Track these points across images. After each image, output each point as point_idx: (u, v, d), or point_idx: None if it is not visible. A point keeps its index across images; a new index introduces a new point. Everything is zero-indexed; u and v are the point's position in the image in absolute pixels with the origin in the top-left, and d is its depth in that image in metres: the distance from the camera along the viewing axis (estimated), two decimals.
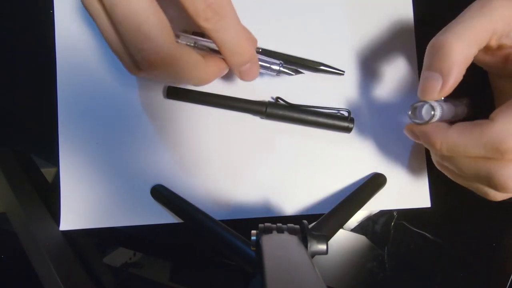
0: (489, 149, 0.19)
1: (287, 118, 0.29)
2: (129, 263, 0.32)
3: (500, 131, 0.18)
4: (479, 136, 0.19)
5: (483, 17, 0.20)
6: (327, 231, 0.25)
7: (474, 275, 0.31)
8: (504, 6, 0.20)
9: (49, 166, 0.30)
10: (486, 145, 0.19)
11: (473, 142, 0.20)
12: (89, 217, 0.29)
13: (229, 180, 0.30)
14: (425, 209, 0.31)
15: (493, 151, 0.19)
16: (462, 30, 0.20)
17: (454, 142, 0.20)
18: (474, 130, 0.20)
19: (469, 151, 0.20)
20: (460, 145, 0.20)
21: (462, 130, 0.20)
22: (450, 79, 0.20)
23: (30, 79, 0.30)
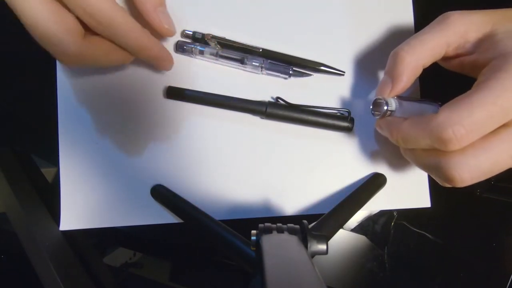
0: (433, 139, 0.20)
1: (287, 118, 0.29)
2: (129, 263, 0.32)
3: (442, 122, 0.20)
4: (425, 127, 0.21)
5: (439, 32, 0.23)
6: (327, 231, 0.25)
7: (474, 275, 0.31)
8: (459, 22, 0.22)
9: (49, 166, 0.30)
10: (430, 135, 0.21)
11: (421, 133, 0.21)
12: (89, 217, 0.29)
13: (229, 180, 0.30)
14: (425, 209, 0.31)
15: (437, 140, 0.20)
16: (416, 44, 0.23)
17: (406, 133, 0.22)
18: (422, 122, 0.21)
19: (419, 141, 0.22)
20: (411, 136, 0.22)
21: (413, 122, 0.22)
22: (398, 83, 0.24)
23: (30, 79, 0.30)
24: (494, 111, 0.19)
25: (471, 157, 0.20)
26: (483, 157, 0.20)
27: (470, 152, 0.20)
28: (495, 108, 0.19)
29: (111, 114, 0.30)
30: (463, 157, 0.21)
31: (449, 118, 0.20)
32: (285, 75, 0.29)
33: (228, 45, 0.29)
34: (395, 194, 0.30)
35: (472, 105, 0.19)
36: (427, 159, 0.23)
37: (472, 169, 0.21)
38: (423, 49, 0.23)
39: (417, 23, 0.31)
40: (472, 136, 0.20)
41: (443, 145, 0.20)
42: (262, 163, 0.30)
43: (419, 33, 0.24)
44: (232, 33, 0.29)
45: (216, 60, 0.29)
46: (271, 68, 0.29)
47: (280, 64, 0.29)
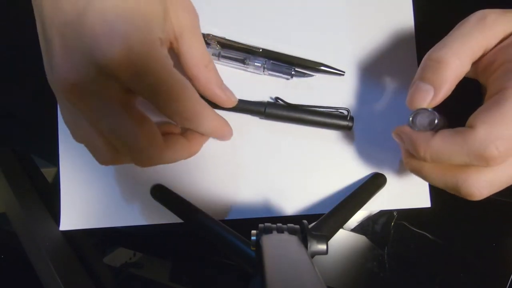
0: (473, 157, 0.19)
1: (286, 118, 0.29)
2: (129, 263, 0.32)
3: (483, 138, 0.19)
4: (463, 144, 0.19)
5: (479, 33, 0.21)
6: (327, 231, 0.25)
7: (474, 275, 0.31)
8: (497, 22, 0.21)
9: (49, 166, 0.30)
10: (469, 153, 0.19)
11: (456, 150, 0.20)
12: (89, 217, 0.29)
13: (229, 180, 0.30)
14: (425, 209, 0.31)
15: (477, 158, 0.19)
16: (459, 47, 0.21)
17: (438, 150, 0.21)
18: (457, 138, 0.20)
19: (453, 159, 0.20)
20: (444, 153, 0.20)
21: (445, 138, 0.20)
22: (441, 92, 0.21)
23: (30, 79, 0.30)
24: None
25: (490, 172, 0.20)
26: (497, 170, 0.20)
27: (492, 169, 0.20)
28: None
29: None
30: (481, 174, 0.20)
31: (490, 133, 0.18)
32: (287, 76, 0.29)
33: (228, 45, 0.29)
34: (395, 194, 0.30)
35: (509, 117, 0.18)
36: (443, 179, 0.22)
37: (491, 183, 0.20)
38: (467, 53, 0.21)
39: (418, 23, 0.31)
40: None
41: (485, 162, 0.19)
42: (262, 163, 0.30)
43: (456, 34, 0.21)
44: (231, 33, 0.29)
45: (217, 60, 0.29)
46: (273, 69, 0.29)
47: (282, 64, 0.29)
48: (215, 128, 0.25)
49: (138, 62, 0.19)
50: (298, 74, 0.29)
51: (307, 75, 0.30)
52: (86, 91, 0.19)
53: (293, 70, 0.29)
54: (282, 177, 0.30)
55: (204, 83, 0.25)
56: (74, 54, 0.18)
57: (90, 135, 0.21)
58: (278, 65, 0.29)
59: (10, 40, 0.31)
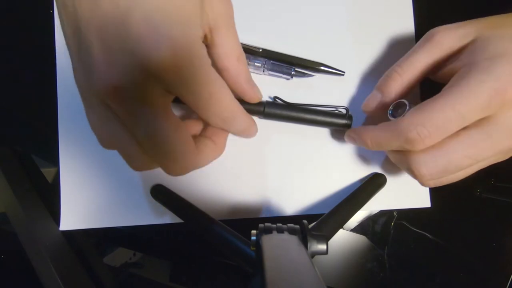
0: (402, 140, 0.22)
1: (285, 117, 0.29)
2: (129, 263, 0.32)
3: (407, 123, 0.22)
4: (393, 130, 0.23)
5: (427, 53, 0.24)
6: (327, 231, 0.25)
7: (474, 275, 0.31)
8: (444, 39, 0.24)
9: (49, 166, 0.30)
10: (399, 136, 0.22)
11: (390, 136, 0.23)
12: (89, 217, 0.29)
13: (229, 180, 0.30)
14: (425, 209, 0.31)
15: (405, 141, 0.22)
16: (407, 66, 0.25)
17: (378, 137, 0.24)
18: (391, 126, 0.23)
19: (391, 144, 0.24)
20: (383, 140, 0.24)
21: (383, 127, 0.24)
22: (387, 99, 0.26)
23: (30, 79, 0.30)
24: (452, 116, 0.21)
25: (429, 156, 0.23)
26: (439, 156, 0.22)
27: (429, 151, 0.23)
28: (453, 113, 0.21)
29: None
30: (422, 156, 0.23)
31: (413, 120, 0.22)
32: (287, 76, 0.29)
33: None
34: (395, 194, 0.30)
35: (434, 109, 0.21)
36: (399, 161, 0.25)
37: (429, 166, 0.23)
38: (413, 71, 0.25)
39: (417, 23, 0.31)
40: (434, 137, 0.21)
41: (410, 144, 0.22)
42: (262, 163, 0.30)
43: (409, 53, 0.26)
44: None
45: None
46: (273, 69, 0.29)
47: (282, 64, 0.29)
48: (246, 128, 0.25)
49: (183, 62, 0.18)
50: (298, 74, 0.29)
51: (307, 75, 0.30)
52: (129, 95, 0.18)
53: (293, 70, 0.29)
54: (282, 177, 0.30)
55: (235, 76, 0.24)
56: (117, 56, 0.18)
57: (124, 141, 0.20)
58: (278, 65, 0.29)
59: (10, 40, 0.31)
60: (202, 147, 0.23)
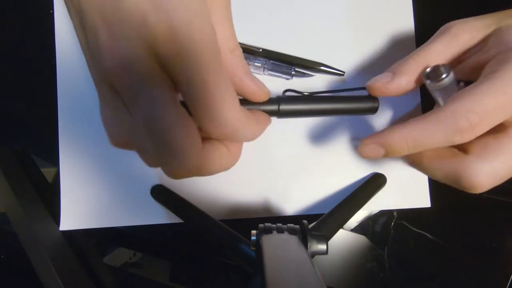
0: (450, 130, 0.19)
1: (305, 112, 0.24)
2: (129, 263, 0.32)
3: (455, 110, 0.19)
4: (436, 122, 0.20)
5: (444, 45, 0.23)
6: (327, 231, 0.25)
7: (474, 275, 0.31)
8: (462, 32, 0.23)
9: (49, 166, 0.30)
10: (446, 127, 0.19)
11: (435, 127, 0.20)
12: (89, 217, 0.29)
13: (229, 180, 0.30)
14: (425, 209, 0.31)
15: (454, 132, 0.19)
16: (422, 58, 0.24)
17: (418, 133, 0.20)
18: (430, 117, 0.20)
19: (434, 140, 0.20)
20: (425, 135, 0.20)
21: (418, 121, 0.20)
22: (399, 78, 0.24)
23: (30, 79, 0.30)
24: (504, 101, 0.19)
25: (487, 163, 0.20)
26: (498, 161, 0.20)
27: (485, 157, 0.20)
28: (505, 98, 0.19)
29: None
30: (480, 163, 0.20)
31: (462, 106, 0.19)
32: (287, 76, 0.29)
33: None
34: (395, 194, 0.30)
35: (483, 94, 0.19)
36: (442, 170, 0.22)
37: (493, 173, 0.20)
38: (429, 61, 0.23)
39: (417, 23, 0.31)
40: (485, 125, 0.19)
41: (460, 135, 0.19)
42: (262, 163, 0.30)
43: (426, 44, 0.24)
44: None
45: None
46: (273, 69, 0.29)
47: (282, 64, 0.29)
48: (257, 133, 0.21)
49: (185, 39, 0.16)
50: (298, 74, 0.29)
51: (307, 75, 0.30)
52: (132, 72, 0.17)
53: (293, 70, 0.29)
54: (282, 177, 0.30)
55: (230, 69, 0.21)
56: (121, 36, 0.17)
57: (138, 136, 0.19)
58: (278, 65, 0.29)
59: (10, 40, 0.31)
60: (211, 150, 0.20)
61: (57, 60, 0.29)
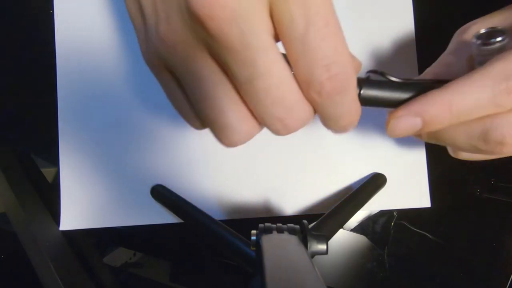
0: (496, 92, 0.17)
1: (391, 102, 0.19)
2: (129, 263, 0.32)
3: (504, 68, 0.17)
4: (482, 79, 0.17)
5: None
6: (327, 231, 0.25)
7: (474, 275, 0.31)
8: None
9: (49, 166, 0.30)
10: (493, 87, 0.17)
11: (478, 89, 0.17)
12: (89, 217, 0.29)
13: (229, 180, 0.30)
14: (425, 209, 0.31)
15: (501, 93, 0.17)
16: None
17: (461, 98, 0.17)
18: (474, 76, 0.17)
19: (479, 103, 0.17)
20: (467, 100, 0.17)
21: (460, 82, 0.17)
22: None
23: (30, 79, 0.30)
24: None
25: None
26: None
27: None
28: None
29: (111, 114, 0.30)
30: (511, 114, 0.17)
31: (504, 67, 0.17)
32: None
33: None
34: (395, 194, 0.30)
35: None
36: (470, 128, 0.18)
37: None
38: None
39: (417, 23, 0.31)
40: None
41: (505, 96, 0.17)
42: (262, 163, 0.30)
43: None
44: None
45: None
46: None
47: None
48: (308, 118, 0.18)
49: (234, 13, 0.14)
50: None
51: None
52: (187, 51, 0.16)
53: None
54: (282, 177, 0.30)
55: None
56: (168, 10, 0.15)
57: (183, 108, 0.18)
58: None
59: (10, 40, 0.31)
60: None
61: (57, 60, 0.29)
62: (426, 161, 0.31)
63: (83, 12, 0.29)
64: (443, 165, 0.31)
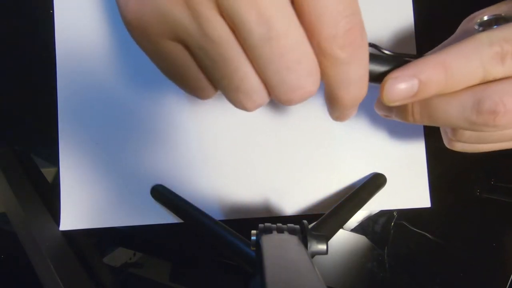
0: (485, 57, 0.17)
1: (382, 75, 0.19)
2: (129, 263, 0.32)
3: (487, 36, 0.17)
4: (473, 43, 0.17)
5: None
6: (327, 231, 0.25)
7: (474, 275, 0.31)
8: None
9: (49, 166, 0.30)
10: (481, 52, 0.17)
11: (469, 51, 0.17)
12: (89, 217, 0.29)
13: (229, 180, 0.30)
14: (425, 209, 0.31)
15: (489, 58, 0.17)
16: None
17: (454, 59, 0.17)
18: (467, 40, 0.17)
19: (469, 65, 0.17)
20: (460, 61, 0.17)
21: (454, 46, 0.18)
22: None
23: (30, 79, 0.30)
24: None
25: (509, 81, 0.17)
26: None
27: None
28: None
29: (111, 114, 0.30)
30: (502, 82, 0.17)
31: (495, 33, 0.17)
32: None
33: None
34: (395, 194, 0.30)
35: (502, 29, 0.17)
36: (461, 98, 0.18)
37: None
38: None
39: (417, 23, 0.31)
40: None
41: (489, 64, 0.17)
42: (262, 163, 0.30)
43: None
44: None
45: None
46: None
47: None
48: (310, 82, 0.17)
49: None
50: None
51: None
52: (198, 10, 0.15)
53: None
54: (282, 177, 0.30)
55: None
56: None
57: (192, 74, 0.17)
58: None
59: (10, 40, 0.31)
60: None
61: (57, 60, 0.29)
62: (426, 161, 0.31)
63: (83, 12, 0.29)
64: (443, 165, 0.31)
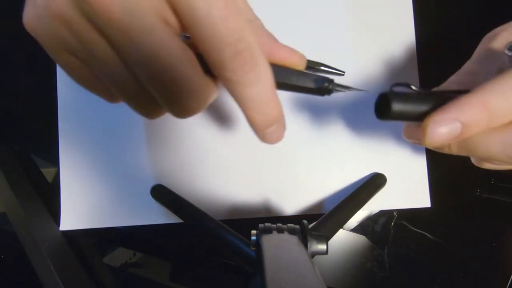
0: None
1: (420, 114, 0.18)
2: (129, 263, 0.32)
3: None
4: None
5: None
6: (327, 231, 0.25)
7: (474, 275, 0.31)
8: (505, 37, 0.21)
9: (49, 166, 0.30)
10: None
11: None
12: (89, 217, 0.29)
13: (229, 180, 0.30)
14: (425, 209, 0.31)
15: None
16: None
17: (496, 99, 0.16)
18: (505, 76, 0.17)
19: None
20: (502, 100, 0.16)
21: (493, 83, 0.17)
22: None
23: (30, 79, 0.30)
24: None
25: None
26: None
27: None
28: None
29: (111, 114, 0.30)
30: None
31: None
32: None
33: None
34: (395, 194, 0.30)
35: None
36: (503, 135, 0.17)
37: None
38: None
39: (417, 23, 0.31)
40: None
41: None
42: (262, 163, 0.30)
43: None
44: None
45: None
46: None
47: None
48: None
49: None
50: None
51: None
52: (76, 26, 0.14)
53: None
54: (282, 177, 0.30)
55: None
56: None
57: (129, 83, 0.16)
58: None
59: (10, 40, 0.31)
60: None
61: None
62: (426, 161, 0.31)
63: None
64: (443, 166, 0.31)
